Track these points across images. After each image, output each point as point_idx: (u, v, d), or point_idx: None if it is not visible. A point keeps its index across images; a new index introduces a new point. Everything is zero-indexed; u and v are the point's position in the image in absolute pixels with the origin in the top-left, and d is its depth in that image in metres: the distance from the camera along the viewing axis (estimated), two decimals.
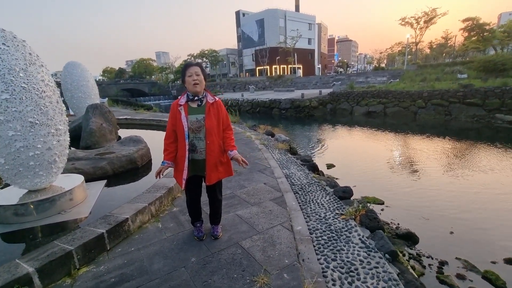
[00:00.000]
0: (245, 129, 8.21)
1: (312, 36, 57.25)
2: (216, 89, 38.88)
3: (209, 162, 2.20)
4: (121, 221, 2.49)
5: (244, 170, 4.43)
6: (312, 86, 32.14)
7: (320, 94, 21.16)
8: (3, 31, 2.68)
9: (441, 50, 45.37)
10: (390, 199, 5.56)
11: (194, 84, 2.12)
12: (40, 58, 2.97)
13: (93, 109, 6.35)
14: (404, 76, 24.41)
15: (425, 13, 34.90)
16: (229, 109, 18.31)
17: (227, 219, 2.83)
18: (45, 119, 2.83)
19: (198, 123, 2.17)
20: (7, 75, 2.57)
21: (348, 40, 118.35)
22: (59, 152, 3.07)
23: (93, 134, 5.72)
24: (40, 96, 2.79)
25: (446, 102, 15.15)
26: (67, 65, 8.88)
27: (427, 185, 6.31)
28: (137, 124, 10.07)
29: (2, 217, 2.81)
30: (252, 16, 54.99)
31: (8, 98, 2.57)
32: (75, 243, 2.14)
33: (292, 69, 49.04)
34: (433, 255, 3.73)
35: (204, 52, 53.19)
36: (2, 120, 2.56)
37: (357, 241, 2.34)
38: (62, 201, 3.05)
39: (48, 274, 1.93)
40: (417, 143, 10.46)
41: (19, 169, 2.77)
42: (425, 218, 4.85)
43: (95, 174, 4.22)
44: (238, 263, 2.13)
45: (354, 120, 16.76)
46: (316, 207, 3.01)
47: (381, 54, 65.28)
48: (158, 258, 2.23)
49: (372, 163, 8.21)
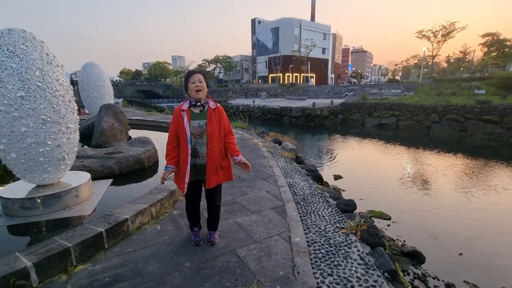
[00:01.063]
0: (253, 136, 8.23)
1: (327, 46, 57.28)
2: (228, 95, 39.28)
3: (210, 166, 2.22)
4: (120, 221, 2.52)
5: (248, 177, 4.42)
6: (324, 95, 31.99)
7: (332, 104, 21.02)
8: (23, 31, 2.82)
9: (459, 64, 44.32)
10: (397, 215, 5.40)
11: (197, 90, 2.18)
12: (56, 58, 3.08)
13: (106, 109, 6.54)
14: (419, 90, 23.95)
15: (443, 27, 34.33)
16: (239, 115, 18.49)
17: (226, 226, 2.82)
18: (57, 117, 2.93)
19: (200, 128, 2.20)
20: (24, 73, 2.68)
21: (363, 51, 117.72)
22: (68, 149, 3.17)
23: (104, 133, 5.87)
24: (54, 95, 2.89)
25: (462, 117, 14.72)
26: (85, 65, 9.22)
27: (437, 202, 6.10)
28: (148, 126, 10.28)
29: (9, 210, 2.90)
30: (268, 24, 55.66)
31: (23, 96, 2.68)
32: (74, 240, 2.18)
33: (305, 77, 49.05)
34: (440, 276, 3.58)
35: (219, 57, 54.05)
36: (16, 116, 2.67)
37: (356, 257, 2.27)
38: (68, 197, 3.12)
39: (45, 269, 1.96)
40: (430, 159, 10.17)
41: (29, 164, 2.87)
42: (433, 236, 4.68)
43: (102, 173, 4.31)
44: (231, 272, 2.10)
45: (365, 132, 16.51)
46: (317, 219, 2.95)
47: (396, 66, 64.42)
48: (153, 260, 2.24)
49: (381, 177, 8.03)
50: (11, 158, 2.78)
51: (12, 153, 2.77)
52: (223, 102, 29.34)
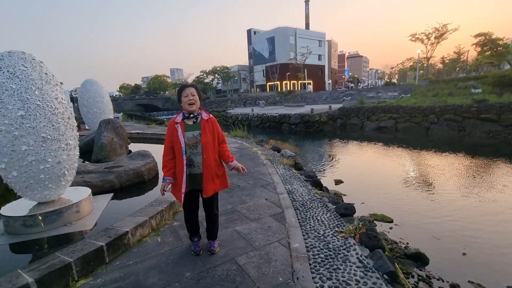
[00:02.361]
0: (252, 144, 8.28)
1: (322, 53, 58.01)
2: (227, 104, 39.56)
3: (206, 175, 2.28)
4: (121, 234, 2.55)
5: (247, 185, 4.45)
6: (322, 101, 32.22)
7: (330, 109, 21.17)
8: (23, 53, 2.91)
9: (454, 65, 44.75)
10: (399, 217, 5.39)
11: (190, 104, 2.25)
12: (55, 77, 3.17)
13: (106, 124, 6.62)
14: (415, 91, 24.13)
15: (436, 29, 34.85)
16: (238, 124, 18.59)
17: (225, 235, 2.83)
18: (56, 134, 2.99)
19: (194, 139, 2.27)
20: (24, 93, 2.76)
21: (358, 56, 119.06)
22: (69, 165, 3.21)
23: (104, 148, 5.94)
24: (53, 112, 2.96)
25: (460, 117, 14.80)
26: (84, 82, 9.37)
27: (439, 203, 6.09)
28: (148, 138, 10.35)
29: (11, 228, 2.93)
30: (263, 34, 56.56)
31: (23, 115, 2.75)
32: (75, 255, 2.21)
33: (302, 84, 49.51)
34: (444, 277, 3.56)
35: (216, 68, 54.69)
36: (17, 135, 2.73)
37: (355, 260, 2.28)
38: (69, 213, 3.15)
39: (47, 285, 1.98)
40: (430, 160, 10.18)
41: (30, 181, 2.91)
42: (436, 238, 4.66)
43: (103, 187, 4.34)
44: (231, 280, 2.12)
45: (364, 135, 16.57)
46: (316, 224, 2.97)
47: (392, 70, 65.03)
48: (154, 272, 2.25)
49: (382, 180, 8.03)
50: (12, 176, 2.83)
51: (13, 172, 2.81)
52: (222, 112, 29.52)
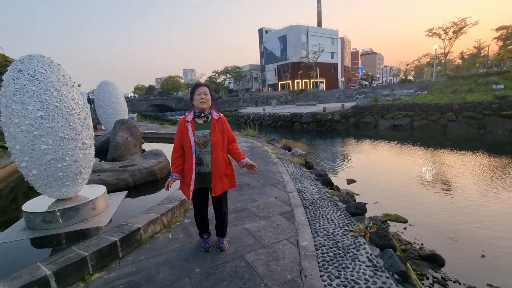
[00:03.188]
0: (263, 143, 8.29)
1: (335, 50, 57.18)
2: (239, 104, 39.73)
3: (215, 174, 2.31)
4: (133, 230, 2.63)
5: (257, 183, 4.46)
6: (334, 99, 31.77)
7: (343, 107, 20.84)
8: (42, 57, 3.05)
9: (474, 60, 42.81)
10: (414, 218, 5.24)
11: (201, 102, 2.27)
12: (72, 79, 3.31)
13: (120, 124, 6.82)
14: (432, 88, 23.36)
15: (454, 23, 33.55)
16: (249, 123, 18.63)
17: (235, 232, 2.86)
18: (73, 134, 3.12)
19: (204, 138, 2.30)
20: (43, 95, 2.89)
21: (373, 53, 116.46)
22: (85, 164, 3.34)
23: (119, 147, 6.12)
24: (70, 113, 3.09)
25: (480, 114, 14.19)
26: (100, 84, 9.68)
27: (456, 204, 5.88)
28: (161, 138, 10.58)
29: (32, 224, 3.08)
30: (275, 33, 56.38)
31: (42, 115, 2.88)
32: (90, 249, 2.30)
33: (314, 83, 49.00)
34: (461, 279, 3.44)
35: (228, 68, 55.07)
36: (37, 135, 2.87)
37: (364, 259, 2.25)
38: (85, 210, 3.28)
39: (64, 277, 2.08)
40: (447, 158, 9.83)
41: (49, 179, 3.05)
42: (453, 239, 4.51)
43: (118, 185, 4.48)
44: (240, 276, 2.14)
45: (378, 134, 16.20)
46: (325, 223, 2.94)
47: (407, 66, 63.14)
48: (165, 267, 2.31)
49: (396, 179, 7.84)
50: (32, 174, 2.97)
51: (33, 170, 2.96)
52: (233, 111, 29.68)
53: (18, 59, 2.93)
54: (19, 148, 2.86)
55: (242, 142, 8.51)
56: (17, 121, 2.79)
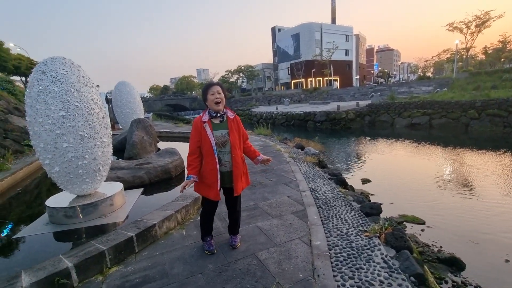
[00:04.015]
0: (275, 142, 8.27)
1: (350, 48, 56.02)
2: (252, 103, 39.76)
3: (236, 174, 2.32)
4: (149, 226, 2.70)
5: (270, 182, 4.46)
6: (349, 97, 31.17)
7: (358, 106, 20.41)
8: (63, 58, 3.19)
9: (499, 55, 40.52)
10: (432, 219, 5.07)
11: (216, 102, 2.25)
12: (91, 80, 3.43)
13: (137, 123, 7.01)
14: (453, 85, 22.43)
15: (477, 17, 32.01)
16: (262, 122, 18.62)
17: (247, 230, 2.88)
18: (92, 132, 3.24)
19: (223, 137, 2.28)
20: (65, 95, 3.02)
21: (389, 50, 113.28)
22: (103, 162, 3.47)
23: (135, 146, 6.29)
24: (90, 113, 3.21)
25: (505, 112, 13.50)
26: (118, 84, 10.00)
27: (477, 206, 5.62)
28: (176, 137, 10.78)
29: (55, 218, 3.24)
30: (288, 31, 55.95)
31: (64, 115, 3.01)
32: (108, 244, 2.38)
33: (328, 81, 48.25)
34: (483, 284, 3.30)
35: (241, 67, 55.17)
36: (59, 134, 3.00)
37: (379, 260, 2.20)
38: (104, 206, 3.40)
39: (84, 270, 2.17)
40: (469, 158, 9.41)
41: (70, 176, 3.19)
42: (474, 242, 4.32)
43: (134, 183, 4.62)
44: (252, 274, 2.15)
45: (395, 133, 15.75)
46: (339, 223, 2.90)
47: (426, 63, 60.84)
48: (179, 263, 2.36)
49: (413, 180, 7.60)
50: (55, 171, 3.12)
51: (56, 167, 3.10)
52: (246, 110, 29.73)
53: (41, 61, 3.07)
54: (42, 146, 3.01)
55: (255, 141, 8.53)
56: (41, 120, 2.93)
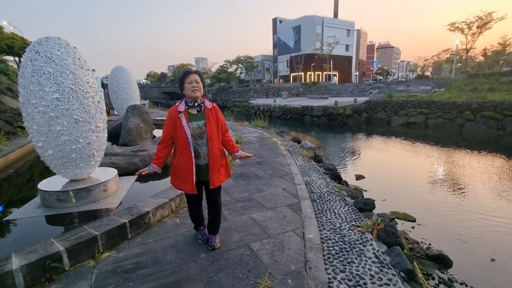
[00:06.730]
0: (272, 135, 8.26)
1: (350, 43, 55.59)
2: (250, 95, 39.49)
3: (212, 166, 2.20)
4: (142, 214, 2.69)
5: (265, 174, 4.47)
6: (347, 93, 31.15)
7: (355, 102, 20.42)
8: (59, 39, 3.08)
9: (497, 57, 40.65)
10: (423, 217, 5.16)
11: (193, 90, 2.12)
12: (87, 62, 3.34)
13: (133, 109, 6.90)
14: (451, 86, 22.52)
15: (479, 18, 31.93)
16: (259, 114, 18.54)
17: (241, 221, 2.89)
18: (87, 116, 3.17)
19: (199, 129, 2.17)
20: (59, 77, 2.94)
21: (389, 47, 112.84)
22: (97, 147, 3.42)
23: (130, 132, 6.22)
24: (85, 96, 3.14)
25: (500, 115, 13.64)
26: (114, 69, 9.78)
27: (468, 205, 5.73)
28: None
29: (47, 202, 3.20)
30: (289, 23, 55.19)
31: (58, 97, 2.94)
32: (101, 229, 2.37)
33: (327, 76, 48.05)
34: (468, 282, 3.38)
35: (240, 58, 54.48)
36: (53, 116, 2.94)
37: (371, 255, 2.23)
38: (97, 191, 3.37)
39: (76, 254, 2.16)
40: (462, 159, 9.55)
41: (64, 160, 3.14)
42: (462, 240, 4.42)
43: (128, 169, 4.58)
44: (244, 264, 2.17)
45: (391, 131, 15.86)
46: (332, 217, 2.93)
47: (425, 62, 60.77)
48: (172, 251, 2.37)
49: (407, 178, 7.69)
50: (48, 154, 3.06)
51: (49, 150, 3.05)
52: (244, 102, 29.57)
53: (35, 41, 2.97)
54: (36, 128, 2.94)
55: (252, 132, 8.50)
56: (34, 102, 2.86)
